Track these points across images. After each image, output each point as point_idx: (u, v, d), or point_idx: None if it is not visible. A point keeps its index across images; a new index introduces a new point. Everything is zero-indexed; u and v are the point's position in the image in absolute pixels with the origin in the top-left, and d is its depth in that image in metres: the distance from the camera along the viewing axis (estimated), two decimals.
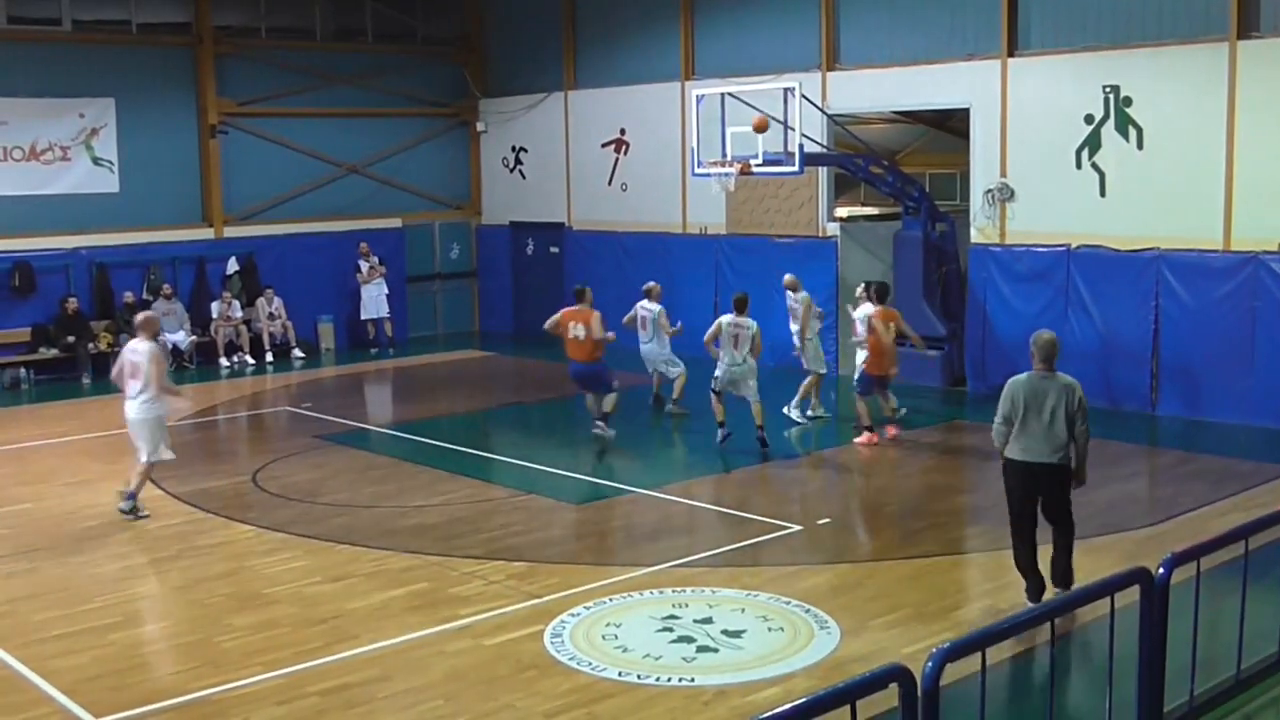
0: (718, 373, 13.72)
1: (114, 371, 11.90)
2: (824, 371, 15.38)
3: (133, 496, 11.47)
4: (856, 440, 13.95)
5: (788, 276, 15.57)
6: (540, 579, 9.50)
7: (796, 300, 15.32)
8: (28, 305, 19.21)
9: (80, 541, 10.79)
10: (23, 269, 19.06)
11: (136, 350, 11.42)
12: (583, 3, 21.83)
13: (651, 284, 15.78)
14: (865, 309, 14.29)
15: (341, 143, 22.49)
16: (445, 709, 7.29)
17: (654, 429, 15.26)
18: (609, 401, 14.19)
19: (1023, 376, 8.63)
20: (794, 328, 15.39)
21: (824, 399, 15.62)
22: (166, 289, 19.98)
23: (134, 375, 11.38)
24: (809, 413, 15.20)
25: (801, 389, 15.14)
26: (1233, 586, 6.70)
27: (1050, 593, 8.70)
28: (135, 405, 11.42)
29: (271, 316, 20.81)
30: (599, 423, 14.15)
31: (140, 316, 11.87)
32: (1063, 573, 8.73)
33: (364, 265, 21.71)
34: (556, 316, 14.30)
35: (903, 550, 10.21)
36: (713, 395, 13.84)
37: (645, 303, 15.49)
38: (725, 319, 13.72)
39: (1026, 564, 8.71)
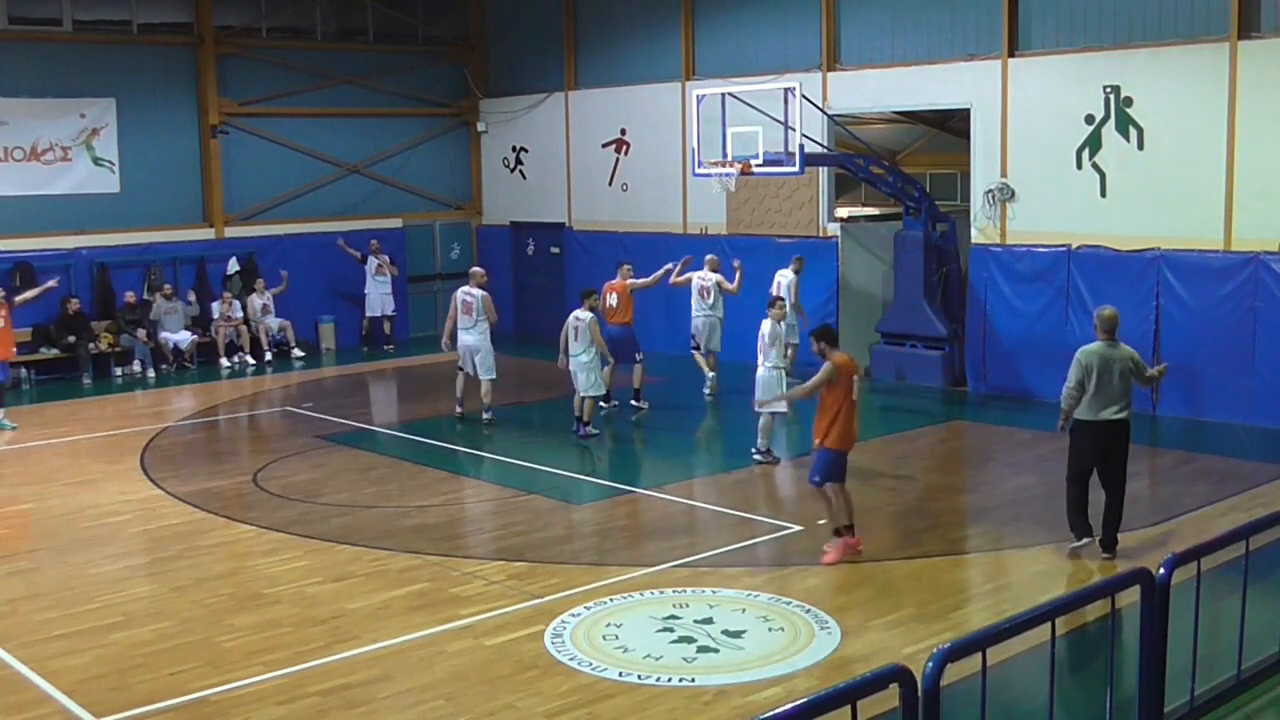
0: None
1: (448, 327, 15.10)
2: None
3: (490, 410, 14.82)
4: (830, 553, 9.82)
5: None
6: (541, 579, 9.50)
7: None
8: (29, 305, 19.14)
9: (81, 541, 10.80)
10: (23, 269, 19.03)
11: (470, 293, 14.89)
12: (583, 3, 21.83)
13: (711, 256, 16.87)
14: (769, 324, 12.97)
15: (342, 143, 22.49)
16: (446, 709, 7.29)
17: (655, 429, 15.25)
18: (636, 375, 15.52)
19: (1093, 346, 9.58)
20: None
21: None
22: (167, 289, 19.98)
23: (467, 312, 14.81)
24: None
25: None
26: (1233, 586, 6.70)
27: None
28: (471, 334, 14.86)
29: (265, 310, 20.75)
30: (633, 401, 15.54)
31: (473, 270, 15.41)
32: (1110, 539, 9.63)
33: (374, 262, 21.72)
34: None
35: (903, 550, 10.21)
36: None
37: (704, 272, 16.45)
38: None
39: (1079, 512, 9.68)
